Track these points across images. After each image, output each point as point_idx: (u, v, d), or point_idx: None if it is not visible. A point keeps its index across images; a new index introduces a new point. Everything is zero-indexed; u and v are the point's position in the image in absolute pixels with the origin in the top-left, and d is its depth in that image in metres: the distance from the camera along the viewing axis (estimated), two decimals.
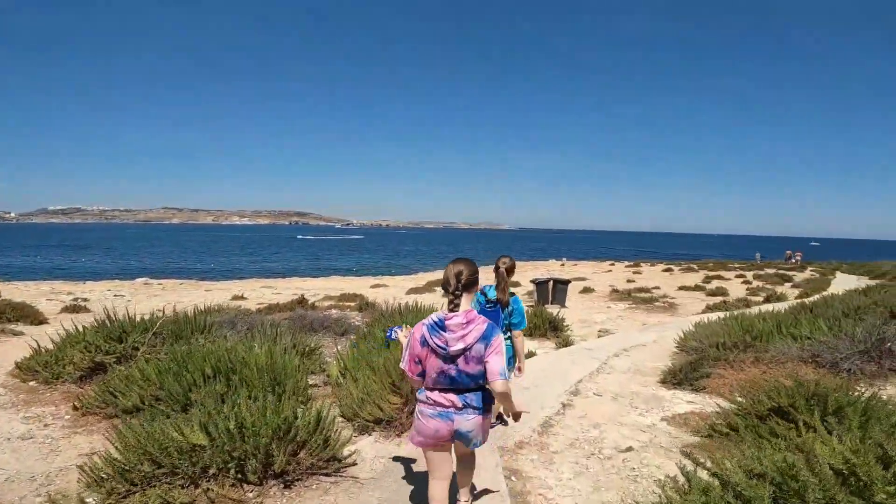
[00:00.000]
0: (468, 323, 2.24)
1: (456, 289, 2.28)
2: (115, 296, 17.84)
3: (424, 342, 2.28)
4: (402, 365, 2.36)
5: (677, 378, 5.36)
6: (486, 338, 2.23)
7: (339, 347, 6.84)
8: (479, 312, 3.41)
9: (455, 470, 2.60)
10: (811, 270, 28.61)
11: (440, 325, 2.26)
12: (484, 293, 3.56)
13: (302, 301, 10.72)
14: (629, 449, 3.70)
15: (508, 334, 3.62)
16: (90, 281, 26.75)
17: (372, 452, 3.58)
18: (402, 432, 3.89)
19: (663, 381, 5.46)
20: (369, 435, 3.93)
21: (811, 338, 6.09)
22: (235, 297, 15.63)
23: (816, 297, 12.61)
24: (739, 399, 3.93)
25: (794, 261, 37.92)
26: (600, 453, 3.66)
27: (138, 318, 5.94)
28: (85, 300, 15.65)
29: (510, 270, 3.58)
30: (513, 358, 3.63)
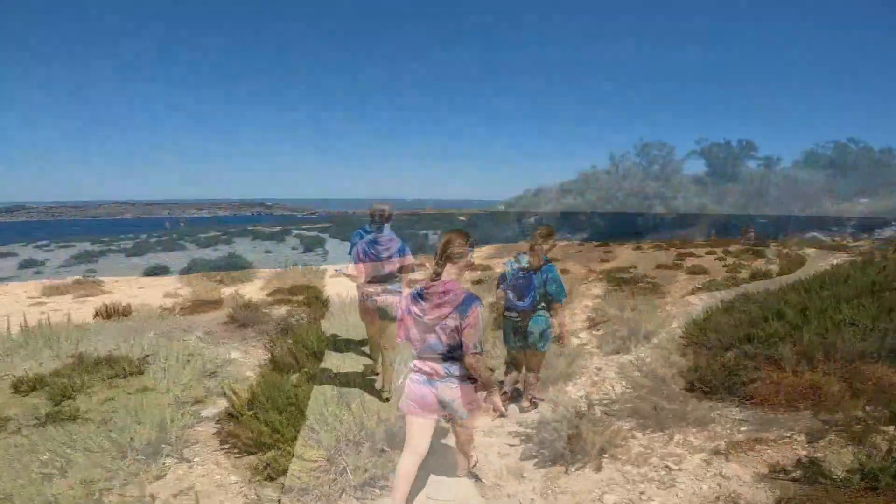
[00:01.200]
0: (444, 293, 2.28)
1: (439, 258, 2.33)
2: (28, 297, 15.53)
3: (408, 310, 2.36)
4: (398, 339, 2.45)
5: (709, 385, 4.06)
6: (461, 309, 2.25)
7: (268, 356, 5.30)
8: (510, 281, 3.48)
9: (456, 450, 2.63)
10: (775, 246, 28.49)
11: (420, 294, 2.34)
12: (518, 260, 3.50)
13: (234, 296, 9.00)
14: None
15: (543, 305, 3.48)
16: (14, 282, 23.96)
17: None
18: None
19: (691, 389, 4.15)
20: None
21: (856, 324, 4.93)
22: (168, 295, 13.68)
23: (807, 273, 11.76)
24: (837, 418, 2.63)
25: (747, 237, 37.78)
26: None
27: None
28: None
29: (545, 236, 3.47)
30: (547, 330, 3.51)
